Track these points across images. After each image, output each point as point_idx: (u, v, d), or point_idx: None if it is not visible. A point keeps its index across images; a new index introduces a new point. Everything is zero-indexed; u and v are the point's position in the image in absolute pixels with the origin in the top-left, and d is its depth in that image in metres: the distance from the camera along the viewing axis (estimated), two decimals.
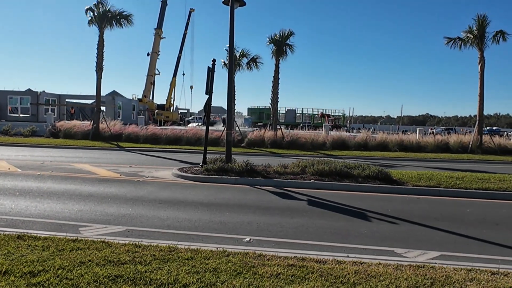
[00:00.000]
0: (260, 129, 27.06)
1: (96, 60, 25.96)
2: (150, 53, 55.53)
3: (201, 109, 75.72)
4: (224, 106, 54.06)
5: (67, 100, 45.99)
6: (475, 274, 4.63)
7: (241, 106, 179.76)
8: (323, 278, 4.35)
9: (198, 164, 13.11)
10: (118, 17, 25.91)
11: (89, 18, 25.80)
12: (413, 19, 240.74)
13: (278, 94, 26.36)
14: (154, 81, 57.73)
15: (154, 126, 29.89)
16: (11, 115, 36.92)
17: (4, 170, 12.02)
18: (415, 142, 24.20)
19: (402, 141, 24.12)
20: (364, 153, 21.44)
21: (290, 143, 23.54)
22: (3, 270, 4.24)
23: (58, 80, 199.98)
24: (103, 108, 34.55)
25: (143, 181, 10.96)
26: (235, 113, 40.26)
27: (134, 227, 6.53)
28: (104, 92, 50.61)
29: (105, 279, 4.11)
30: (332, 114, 64.15)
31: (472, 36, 23.91)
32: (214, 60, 13.22)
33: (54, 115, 36.40)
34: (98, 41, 26.03)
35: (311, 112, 64.82)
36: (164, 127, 31.11)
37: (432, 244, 6.10)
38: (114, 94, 57.24)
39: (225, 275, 4.33)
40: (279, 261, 4.85)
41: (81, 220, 6.86)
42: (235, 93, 25.32)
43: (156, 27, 55.14)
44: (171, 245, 5.33)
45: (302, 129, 40.11)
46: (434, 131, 46.13)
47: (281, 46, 25.76)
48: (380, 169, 11.43)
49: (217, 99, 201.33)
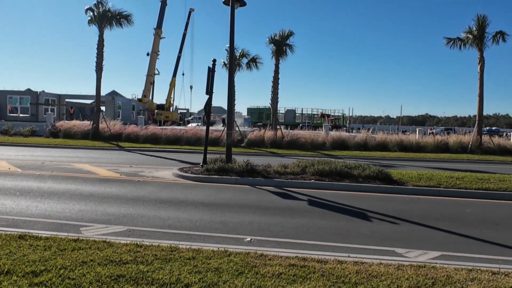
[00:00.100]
0: (260, 129, 27.04)
1: (96, 60, 25.99)
2: (150, 53, 55.51)
3: (201, 109, 75.80)
4: (224, 106, 54.10)
5: (67, 100, 45.94)
6: (476, 274, 4.64)
7: (241, 106, 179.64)
8: (325, 278, 4.36)
9: (198, 164, 13.12)
10: (118, 17, 25.94)
11: (89, 18, 25.82)
12: (413, 19, 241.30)
13: (278, 94, 26.40)
14: (154, 81, 57.73)
15: (154, 126, 29.89)
16: (11, 115, 36.92)
17: (5, 170, 12.02)
18: (415, 142, 24.23)
19: (402, 141, 24.15)
20: (364, 153, 21.45)
21: (290, 143, 23.56)
22: (6, 270, 4.24)
23: (58, 80, 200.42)
24: (103, 108, 34.56)
25: (144, 181, 10.96)
26: (235, 113, 40.23)
27: (135, 227, 6.54)
28: (104, 92, 50.64)
29: (107, 279, 4.12)
30: (332, 114, 64.06)
31: (472, 37, 23.96)
32: (215, 60, 13.26)
33: (54, 115, 36.37)
34: (98, 41, 26.06)
35: (311, 112, 64.78)
36: (164, 127, 31.09)
37: (433, 244, 6.11)
38: (114, 94, 57.15)
39: (227, 275, 4.34)
40: (281, 261, 4.85)
41: (82, 220, 6.86)
42: (235, 93, 25.30)
43: (156, 27, 55.11)
44: (173, 245, 5.33)
45: (302, 129, 40.19)
46: (434, 131, 46.10)
47: (281, 46, 25.77)
48: (380, 169, 11.44)
49: (217, 99, 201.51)
